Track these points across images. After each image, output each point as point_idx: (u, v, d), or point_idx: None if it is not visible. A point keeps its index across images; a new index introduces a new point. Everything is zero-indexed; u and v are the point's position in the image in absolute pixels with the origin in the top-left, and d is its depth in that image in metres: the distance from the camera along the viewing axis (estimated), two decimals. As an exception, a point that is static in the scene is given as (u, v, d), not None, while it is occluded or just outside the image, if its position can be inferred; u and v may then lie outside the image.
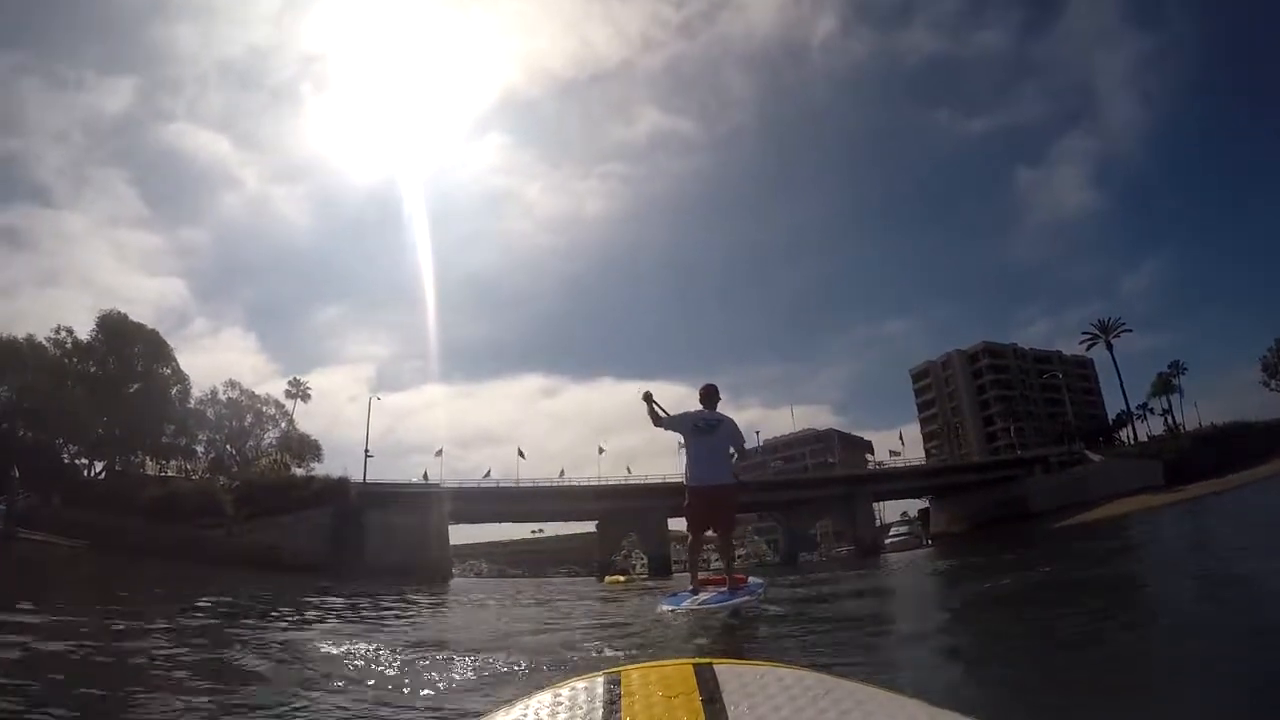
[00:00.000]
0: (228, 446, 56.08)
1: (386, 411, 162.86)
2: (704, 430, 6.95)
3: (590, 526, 71.78)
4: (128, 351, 51.26)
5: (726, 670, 0.91)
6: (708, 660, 0.94)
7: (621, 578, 39.86)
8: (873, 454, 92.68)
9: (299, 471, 53.80)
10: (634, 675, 0.93)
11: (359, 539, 45.78)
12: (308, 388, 64.58)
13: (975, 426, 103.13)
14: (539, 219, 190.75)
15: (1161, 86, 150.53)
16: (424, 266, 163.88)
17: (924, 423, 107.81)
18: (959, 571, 15.34)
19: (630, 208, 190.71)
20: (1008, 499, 67.59)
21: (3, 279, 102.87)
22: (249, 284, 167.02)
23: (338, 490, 50.25)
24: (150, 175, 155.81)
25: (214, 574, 24.91)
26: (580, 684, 0.94)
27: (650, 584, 31.17)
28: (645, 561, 66.61)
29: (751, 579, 7.94)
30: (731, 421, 7.17)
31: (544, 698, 0.92)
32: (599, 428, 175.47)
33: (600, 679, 0.93)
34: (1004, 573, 11.73)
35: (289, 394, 62.59)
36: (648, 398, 7.05)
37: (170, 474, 51.36)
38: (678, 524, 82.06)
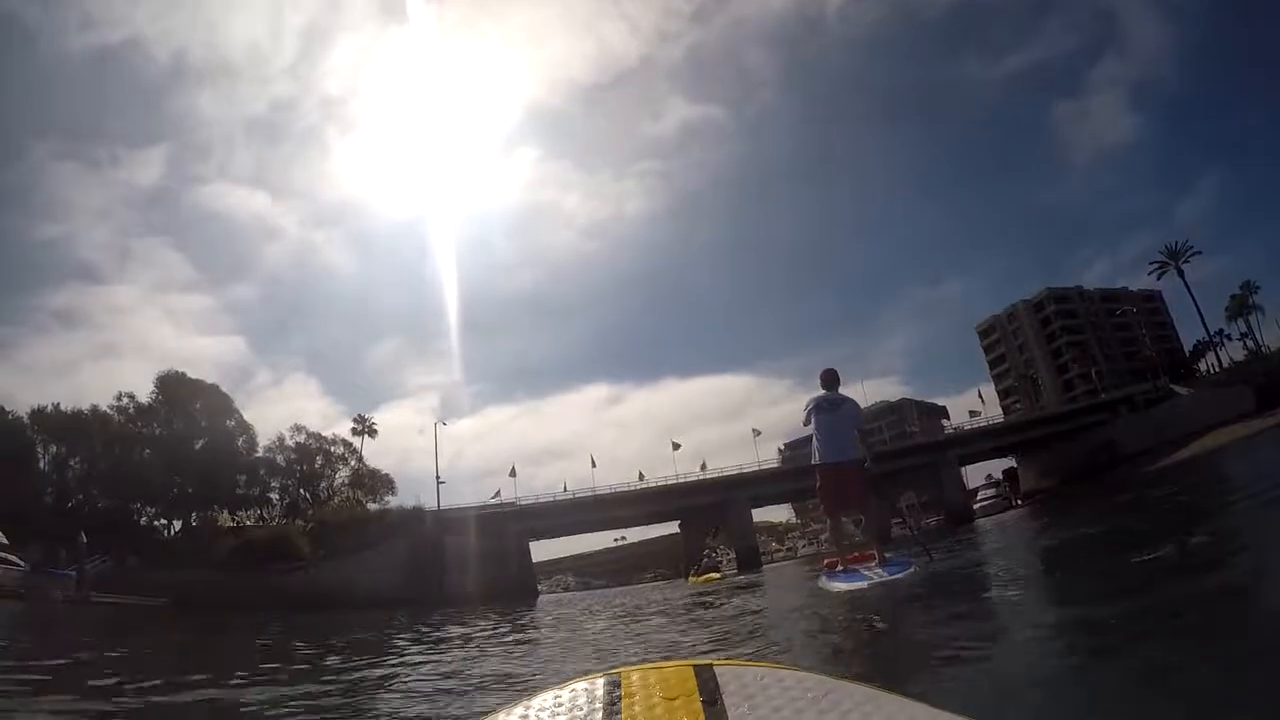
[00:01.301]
0: (301, 490, 54.68)
1: (454, 438, 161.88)
2: (826, 409, 7.05)
3: (672, 528, 69.03)
4: (190, 409, 50.49)
5: (727, 671, 0.90)
6: (708, 661, 0.93)
7: (715, 575, 36.92)
8: (949, 419, 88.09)
9: (372, 506, 52.09)
10: (634, 676, 0.92)
11: (439, 567, 43.79)
12: (373, 424, 63.08)
13: (1050, 376, 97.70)
14: (581, 227, 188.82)
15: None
16: (473, 290, 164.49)
17: (997, 379, 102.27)
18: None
19: (670, 203, 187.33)
20: (1096, 446, 63.52)
21: (62, 357, 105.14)
22: (304, 331, 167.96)
23: (413, 520, 48.69)
24: (193, 239, 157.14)
25: (288, 618, 22.96)
26: (580, 685, 0.92)
27: (743, 579, 28.21)
28: (732, 557, 63.46)
29: (890, 555, 7.54)
30: (854, 402, 7.38)
31: (543, 700, 0.90)
32: (669, 428, 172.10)
33: (600, 680, 0.92)
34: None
35: (355, 431, 61.11)
36: None
37: (246, 523, 50.10)
38: (762, 515, 79.19)
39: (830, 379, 7.19)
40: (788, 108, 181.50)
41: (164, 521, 50.47)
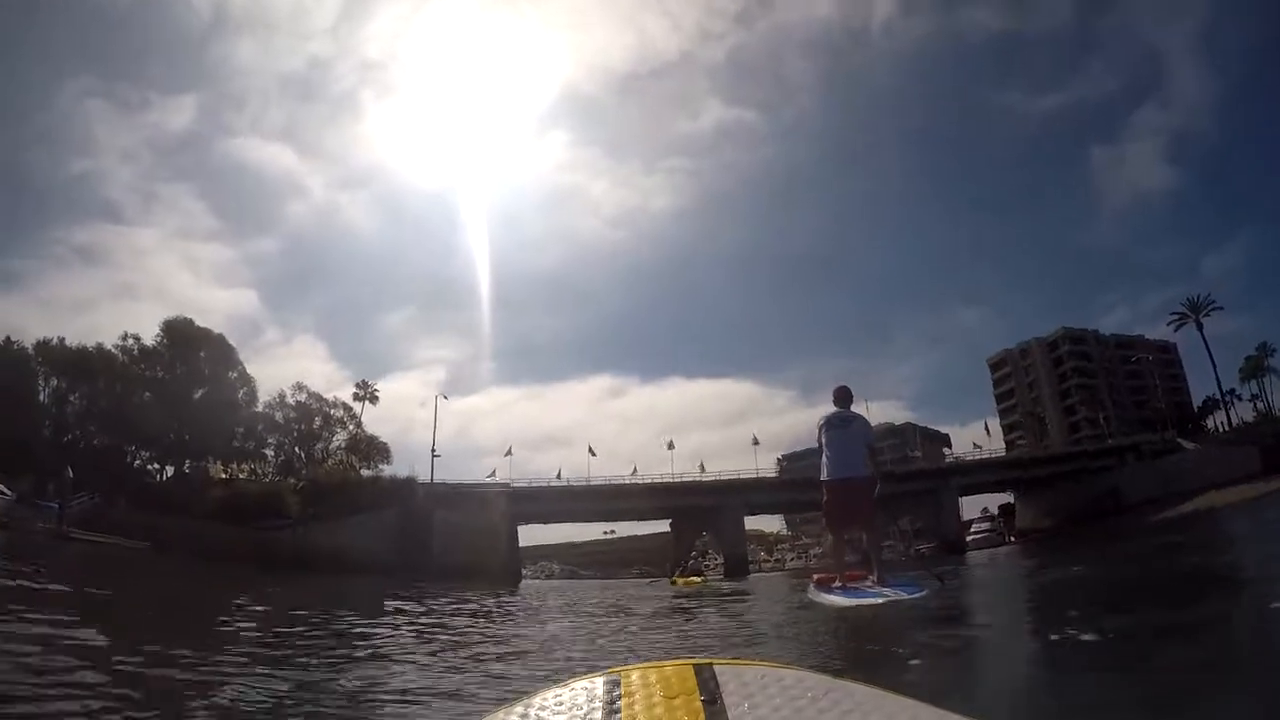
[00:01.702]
0: (297, 450, 54.16)
1: (457, 414, 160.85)
2: (837, 426, 7.02)
3: (663, 526, 68.24)
4: (194, 357, 49.97)
5: (727, 671, 0.89)
6: (708, 660, 0.92)
7: (697, 579, 36.28)
8: (950, 448, 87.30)
9: (367, 473, 51.41)
10: (634, 676, 0.91)
11: (426, 539, 43.11)
12: (375, 390, 62.44)
13: (1057, 416, 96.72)
14: (604, 216, 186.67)
15: (1231, 50, 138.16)
16: (490, 268, 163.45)
17: (1003, 414, 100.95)
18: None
19: (696, 202, 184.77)
20: (1101, 491, 62.28)
21: (81, 294, 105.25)
22: (319, 292, 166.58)
23: (404, 490, 48.03)
24: (218, 189, 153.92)
25: (267, 577, 22.52)
26: (580, 685, 0.92)
27: (728, 587, 27.63)
28: (720, 562, 62.68)
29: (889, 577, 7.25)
30: (865, 420, 7.37)
31: (543, 699, 0.90)
32: (669, 428, 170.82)
33: (600, 680, 0.92)
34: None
35: (356, 396, 60.50)
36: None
37: (240, 476, 49.51)
38: (753, 524, 78.30)
39: (843, 396, 7.24)
40: (823, 118, 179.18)
41: (157, 466, 50.10)
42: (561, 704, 0.87)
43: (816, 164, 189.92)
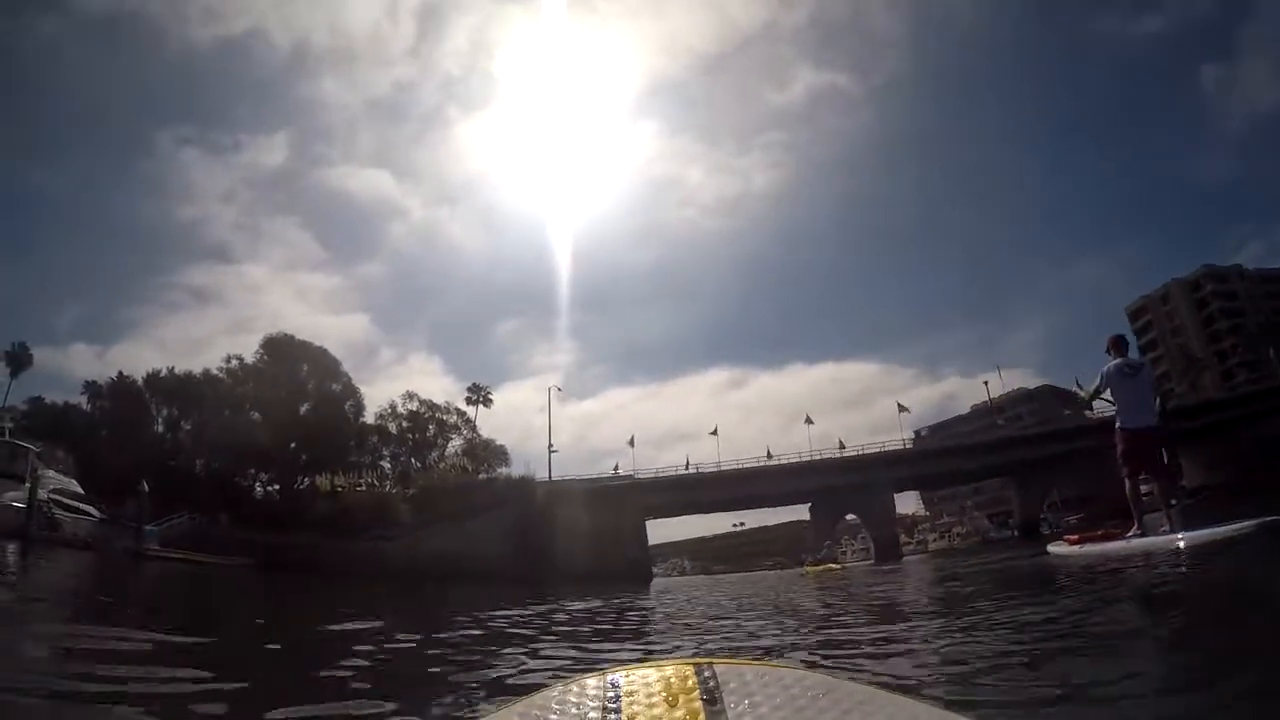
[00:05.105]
0: (412, 460, 49.45)
1: (576, 419, 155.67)
2: (1128, 375, 6.73)
3: (796, 514, 60.80)
4: (296, 371, 46.17)
5: (727, 670, 0.87)
6: (708, 660, 0.90)
7: (836, 565, 29.66)
8: (1091, 409, 75.90)
9: (482, 477, 46.11)
10: (634, 676, 0.89)
11: (548, 541, 37.41)
12: (488, 392, 57.98)
13: (1208, 361, 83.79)
14: (704, 203, 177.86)
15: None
16: (594, 269, 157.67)
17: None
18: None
19: (797, 176, 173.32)
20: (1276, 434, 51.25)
21: (197, 333, 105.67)
22: (427, 309, 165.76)
23: (522, 489, 42.93)
24: (320, 219, 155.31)
25: (369, 590, 18.21)
26: (580, 684, 0.90)
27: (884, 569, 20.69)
28: (859, 548, 54.51)
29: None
30: (1150, 368, 7.21)
31: (544, 698, 0.88)
32: (794, 415, 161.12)
33: (601, 679, 0.89)
34: None
35: (469, 400, 56.37)
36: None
37: (359, 488, 45.17)
38: (904, 502, 69.27)
39: (1122, 344, 6.89)
40: (916, 70, 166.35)
41: (276, 487, 46.40)
42: (562, 704, 0.83)
43: (914, 120, 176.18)
